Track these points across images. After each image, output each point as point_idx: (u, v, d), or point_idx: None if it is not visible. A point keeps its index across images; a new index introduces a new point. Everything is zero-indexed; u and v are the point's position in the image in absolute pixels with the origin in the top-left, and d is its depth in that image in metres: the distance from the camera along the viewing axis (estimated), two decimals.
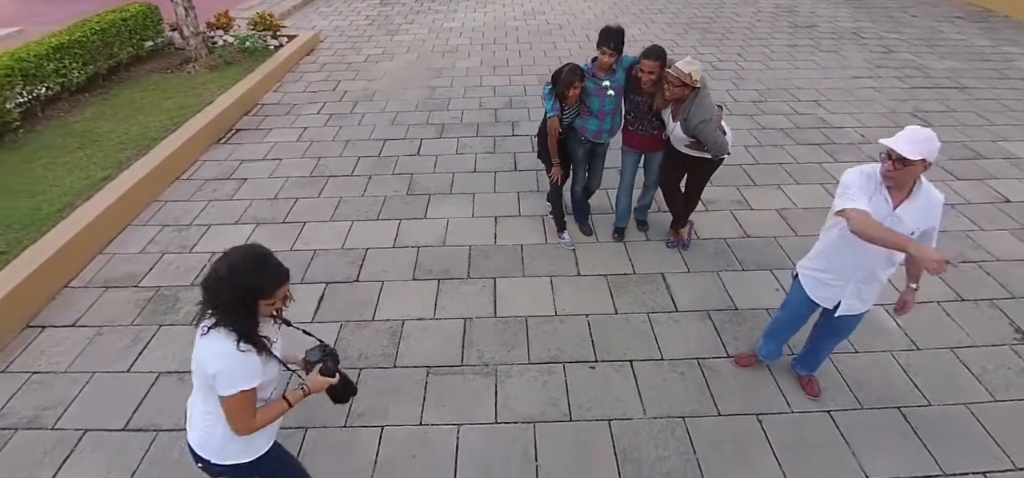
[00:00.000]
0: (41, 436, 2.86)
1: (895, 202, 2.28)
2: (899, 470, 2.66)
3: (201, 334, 1.65)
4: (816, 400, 3.00)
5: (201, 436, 1.78)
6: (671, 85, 3.31)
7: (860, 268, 2.45)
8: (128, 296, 3.78)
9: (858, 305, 2.58)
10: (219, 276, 1.56)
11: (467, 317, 3.56)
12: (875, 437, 2.81)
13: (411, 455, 2.73)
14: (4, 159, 5.09)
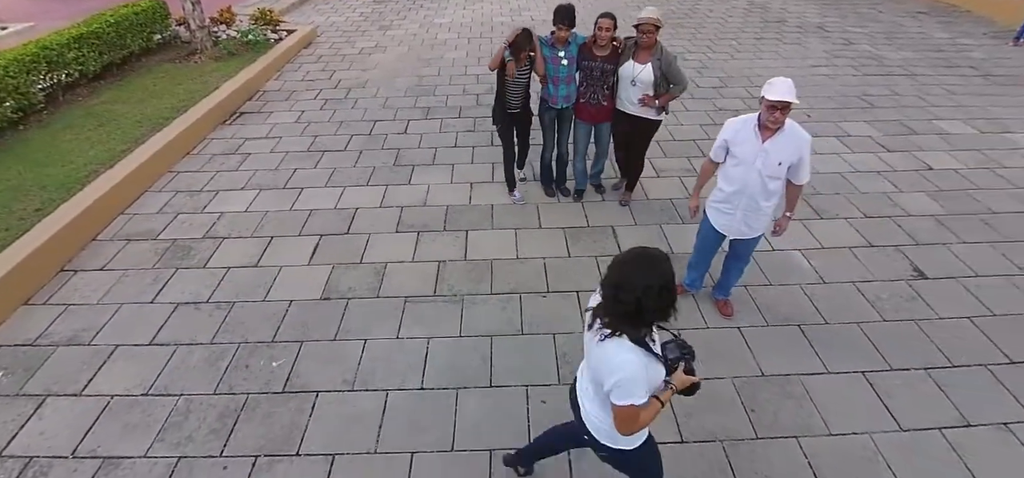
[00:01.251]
0: (79, 350, 3.43)
1: (763, 139, 2.87)
2: (791, 369, 3.24)
3: (598, 341, 1.70)
4: (729, 319, 3.58)
5: (593, 421, 1.94)
6: (648, 33, 3.92)
7: (743, 196, 3.04)
8: (148, 247, 4.35)
9: (747, 231, 3.17)
10: (620, 284, 1.61)
11: (441, 260, 4.14)
12: (775, 346, 3.39)
13: (388, 358, 3.30)
14: (33, 135, 5.67)
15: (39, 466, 2.75)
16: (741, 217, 3.13)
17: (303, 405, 3.03)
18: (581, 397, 1.99)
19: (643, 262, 1.60)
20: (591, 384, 1.87)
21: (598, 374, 1.72)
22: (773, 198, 3.07)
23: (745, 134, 2.96)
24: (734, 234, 3.22)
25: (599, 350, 1.68)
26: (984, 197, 4.95)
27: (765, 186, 2.99)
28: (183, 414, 3.00)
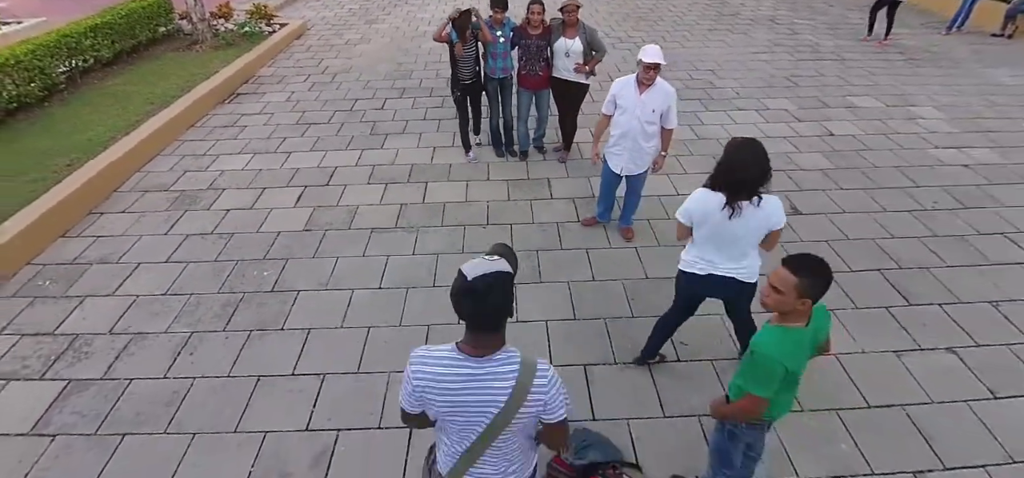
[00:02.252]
0: (109, 266, 4.30)
1: (641, 92, 3.76)
2: (666, 273, 4.11)
3: (755, 206, 2.51)
4: (630, 243, 4.47)
5: (752, 269, 2.73)
6: (570, 13, 4.82)
7: (628, 138, 3.92)
8: (161, 195, 5.23)
9: (635, 168, 4.06)
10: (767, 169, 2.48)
11: (403, 203, 5.02)
12: (661, 259, 4.27)
13: (355, 269, 4.19)
14: (57, 111, 6.54)
15: (84, 339, 3.62)
16: (628, 157, 4.01)
17: (287, 299, 3.91)
18: (736, 264, 2.73)
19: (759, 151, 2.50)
20: (749, 245, 2.66)
21: (767, 222, 2.57)
22: (652, 140, 3.95)
23: (627, 90, 3.85)
24: (625, 171, 4.10)
25: (762, 209, 2.54)
26: (871, 155, 5.85)
27: (644, 129, 3.87)
28: (194, 306, 3.87)
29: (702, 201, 2.63)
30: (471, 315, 1.52)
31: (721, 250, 2.71)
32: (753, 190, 2.52)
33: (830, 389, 3.20)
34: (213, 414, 3.10)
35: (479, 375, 1.57)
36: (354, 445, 2.92)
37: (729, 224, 2.58)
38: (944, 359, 3.43)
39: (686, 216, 2.72)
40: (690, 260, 2.85)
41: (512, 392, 1.56)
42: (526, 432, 1.73)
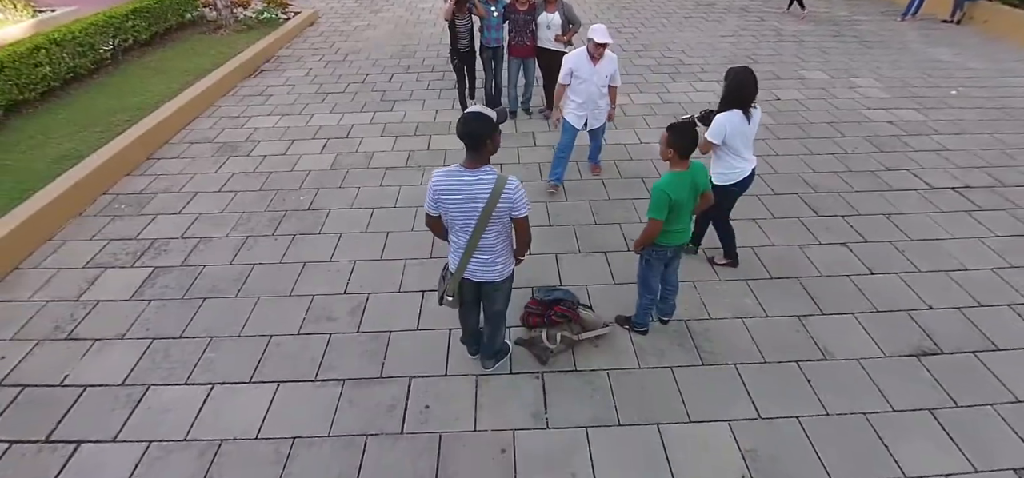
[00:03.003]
0: (171, 195, 5.25)
1: (595, 63, 4.72)
2: (628, 195, 5.10)
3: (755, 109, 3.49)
4: (597, 177, 5.44)
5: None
6: None
7: (589, 101, 4.88)
8: (207, 146, 6.19)
9: (595, 121, 5.01)
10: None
11: (411, 150, 5.99)
12: (620, 187, 5.24)
13: (374, 195, 5.15)
14: (107, 81, 7.50)
15: (161, 242, 4.58)
16: (590, 114, 4.96)
17: (320, 215, 4.88)
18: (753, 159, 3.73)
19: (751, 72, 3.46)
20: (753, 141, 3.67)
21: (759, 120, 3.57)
22: (605, 98, 4.91)
23: (582, 62, 4.75)
24: (590, 126, 5.04)
25: (758, 111, 3.51)
26: (809, 115, 6.84)
27: (601, 91, 4.84)
28: (246, 220, 4.84)
29: (728, 119, 3.51)
30: (461, 136, 2.50)
31: (747, 149, 3.66)
32: (753, 98, 3.50)
33: (744, 267, 4.18)
34: (272, 285, 4.06)
35: (471, 182, 2.55)
36: (380, 302, 3.89)
37: (747, 127, 3.55)
38: (838, 251, 4.41)
39: (719, 135, 3.55)
40: (729, 173, 3.70)
41: (491, 192, 2.54)
42: (504, 229, 2.71)
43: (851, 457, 2.83)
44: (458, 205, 2.59)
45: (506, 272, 2.87)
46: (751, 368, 3.34)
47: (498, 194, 2.55)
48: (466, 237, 2.67)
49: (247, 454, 2.88)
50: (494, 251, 2.74)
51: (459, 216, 2.63)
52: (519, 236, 2.76)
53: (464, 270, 2.78)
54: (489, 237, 2.68)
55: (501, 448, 2.89)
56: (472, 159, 2.55)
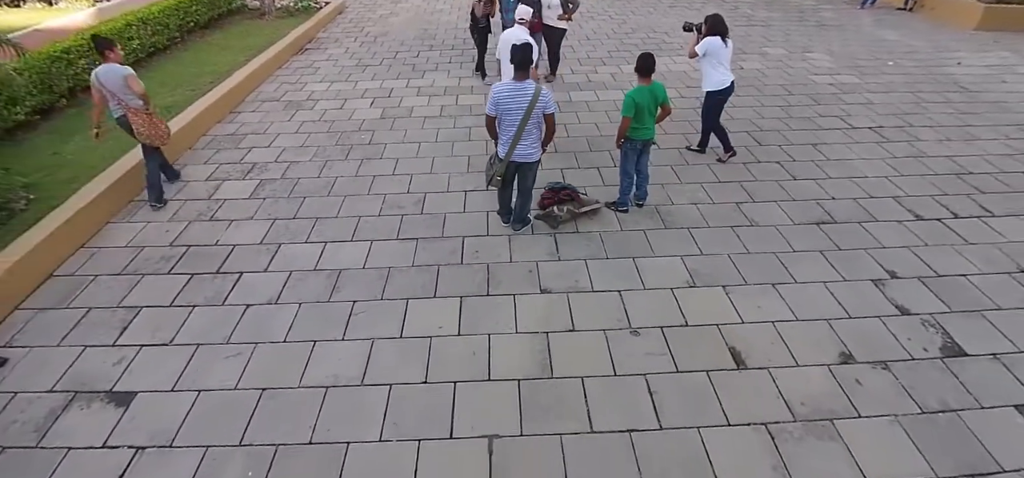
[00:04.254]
0: (258, 136, 6.68)
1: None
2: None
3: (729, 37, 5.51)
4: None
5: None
6: None
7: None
8: (275, 104, 7.62)
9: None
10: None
11: (442, 105, 7.44)
12: (610, 139, 6.70)
13: (417, 136, 6.60)
14: (180, 55, 8.94)
15: (260, 165, 6.00)
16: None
17: (379, 148, 6.32)
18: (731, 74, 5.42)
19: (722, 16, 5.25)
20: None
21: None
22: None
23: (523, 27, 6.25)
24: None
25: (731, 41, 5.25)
26: (765, 79, 8.32)
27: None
28: (323, 150, 6.27)
29: (710, 41, 5.34)
30: (515, 61, 3.95)
31: (726, 65, 5.39)
32: (727, 32, 5.22)
33: (698, 173, 5.64)
34: (353, 188, 5.51)
35: (520, 88, 4.01)
36: (435, 198, 5.33)
37: (725, 49, 5.31)
38: (771, 167, 5.88)
39: (704, 48, 5.31)
40: (716, 82, 5.44)
41: (532, 97, 4.00)
42: (538, 124, 4.16)
43: (761, 273, 4.29)
44: (510, 105, 4.05)
45: (538, 155, 4.34)
46: (698, 230, 4.81)
47: (536, 97, 4.02)
48: (513, 129, 4.13)
49: (359, 277, 4.32)
50: (531, 138, 4.20)
51: (510, 112, 4.08)
52: (548, 126, 4.22)
53: (512, 154, 4.23)
54: (529, 128, 4.13)
55: (528, 270, 4.34)
56: (520, 75, 4.02)
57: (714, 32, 5.28)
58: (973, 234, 4.80)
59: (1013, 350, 3.64)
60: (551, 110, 4.12)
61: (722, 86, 5.38)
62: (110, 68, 4.79)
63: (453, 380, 3.42)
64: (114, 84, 4.80)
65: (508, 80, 4.09)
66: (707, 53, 5.29)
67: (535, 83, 4.06)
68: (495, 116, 4.16)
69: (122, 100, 4.86)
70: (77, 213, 4.73)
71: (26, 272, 4.22)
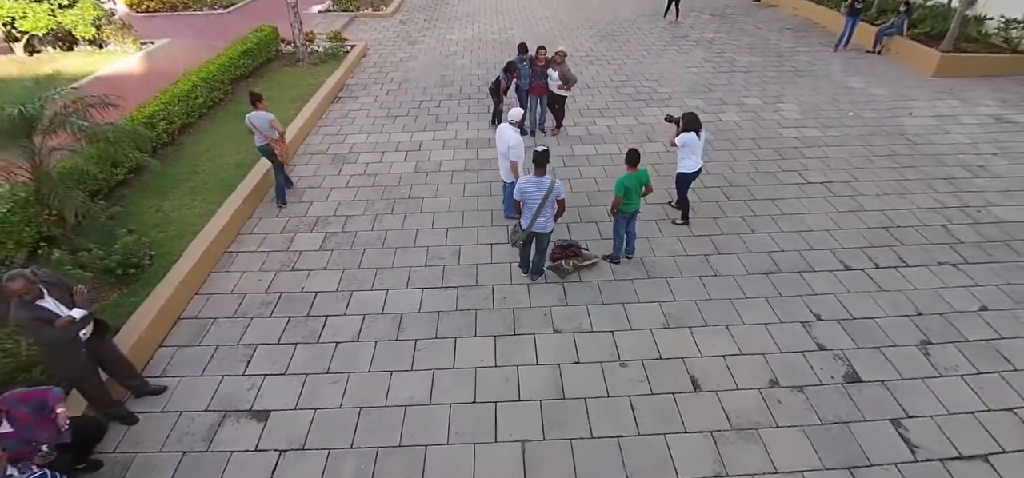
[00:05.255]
0: (315, 190, 8.07)
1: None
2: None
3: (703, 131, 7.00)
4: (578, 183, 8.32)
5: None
6: (559, 55, 8.66)
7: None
8: (323, 156, 9.00)
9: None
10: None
11: (466, 159, 8.83)
12: (607, 194, 8.11)
13: (448, 190, 8.01)
14: (233, 108, 10.29)
15: (322, 219, 7.40)
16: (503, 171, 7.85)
17: (419, 201, 7.69)
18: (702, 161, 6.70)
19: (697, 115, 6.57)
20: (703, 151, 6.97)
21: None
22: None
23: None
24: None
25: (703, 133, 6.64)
26: (740, 133, 9.73)
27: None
28: (372, 204, 7.66)
29: (687, 136, 6.51)
30: (535, 160, 5.38)
31: (697, 154, 6.62)
32: (701, 127, 6.49)
33: (675, 228, 7.05)
34: (401, 241, 6.89)
35: (540, 182, 5.43)
36: (467, 249, 6.72)
37: (698, 142, 6.54)
38: (734, 221, 7.28)
39: (682, 141, 6.55)
40: (689, 166, 6.65)
41: (548, 187, 5.42)
42: (552, 205, 5.58)
43: (719, 316, 5.71)
44: (533, 193, 5.46)
45: (551, 227, 5.74)
46: (674, 279, 6.22)
47: (552, 188, 5.43)
48: (534, 208, 5.53)
49: (417, 319, 5.72)
50: (547, 215, 5.61)
51: (533, 198, 5.49)
52: (560, 207, 5.63)
53: (532, 226, 5.63)
54: (545, 208, 5.54)
55: (544, 313, 5.75)
56: (539, 172, 5.42)
57: (690, 128, 6.56)
58: (888, 282, 6.21)
59: (897, 378, 5.06)
60: (562, 197, 5.53)
61: (692, 170, 6.70)
62: (259, 114, 7.10)
63: (494, 400, 4.83)
64: (261, 124, 7.07)
65: (531, 175, 5.48)
66: (684, 145, 6.59)
67: (551, 177, 5.47)
68: (520, 200, 5.57)
69: (267, 135, 7.08)
70: (192, 267, 6.12)
71: (163, 318, 5.61)
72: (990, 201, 7.72)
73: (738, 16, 17.64)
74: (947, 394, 4.88)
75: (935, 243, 6.87)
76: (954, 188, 8.02)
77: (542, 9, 18.83)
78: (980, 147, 9.23)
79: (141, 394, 4.87)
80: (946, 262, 6.53)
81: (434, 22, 17.26)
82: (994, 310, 5.83)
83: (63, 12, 12.27)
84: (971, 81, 11.97)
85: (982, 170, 8.53)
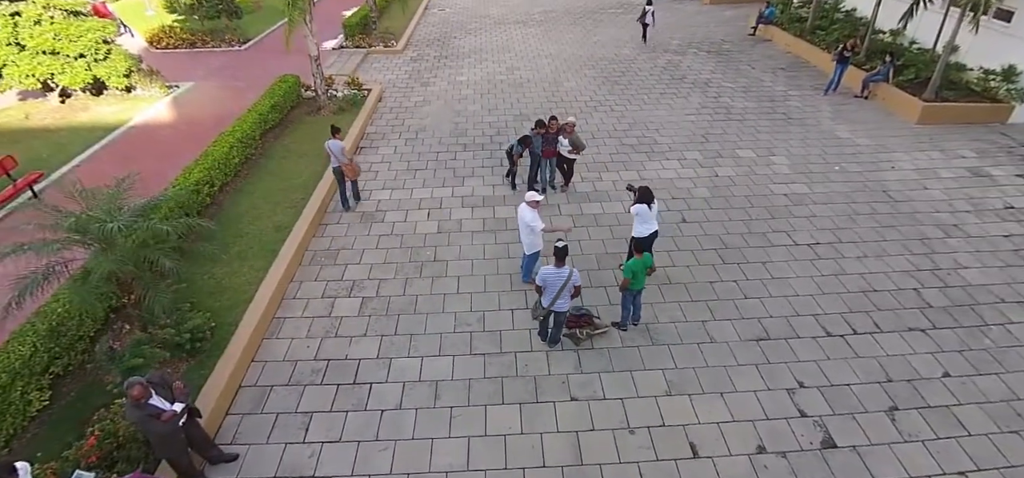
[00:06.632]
0: (348, 252, 8.87)
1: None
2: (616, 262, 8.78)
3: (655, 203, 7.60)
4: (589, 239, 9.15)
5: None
6: (569, 126, 9.49)
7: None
8: (352, 215, 9.80)
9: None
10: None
11: (484, 218, 9.63)
12: (614, 257, 8.93)
13: (470, 251, 8.81)
14: (264, 164, 11.07)
15: (358, 283, 8.19)
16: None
17: (443, 265, 8.51)
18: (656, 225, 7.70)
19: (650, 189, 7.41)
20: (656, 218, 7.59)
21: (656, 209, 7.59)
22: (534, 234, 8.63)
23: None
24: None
25: (656, 204, 7.69)
26: (734, 189, 10.55)
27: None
28: (402, 267, 8.47)
29: (639, 207, 7.38)
30: (556, 253, 6.20)
31: (651, 221, 7.46)
32: (653, 199, 7.31)
33: (676, 292, 7.87)
34: (431, 307, 7.69)
35: (559, 272, 6.26)
36: (491, 316, 7.53)
37: (650, 211, 7.37)
38: (729, 285, 8.10)
39: (635, 211, 7.40)
40: (643, 231, 7.47)
41: (567, 276, 6.25)
42: (569, 290, 6.40)
43: (714, 383, 6.53)
44: (554, 281, 6.28)
45: (568, 307, 6.56)
46: (675, 346, 7.05)
47: (570, 277, 6.25)
48: (554, 292, 6.34)
49: (451, 387, 6.53)
50: (565, 298, 6.43)
51: (553, 285, 6.31)
52: (576, 291, 6.45)
53: (552, 306, 6.45)
54: (564, 294, 6.36)
55: (562, 381, 6.57)
56: (559, 263, 6.24)
57: (643, 200, 7.40)
58: (863, 348, 7.05)
59: (867, 444, 5.89)
60: (578, 284, 6.35)
61: (642, 235, 7.55)
62: (336, 142, 9.38)
63: (522, 466, 5.65)
64: (337, 150, 9.31)
65: (551, 266, 6.30)
66: (637, 214, 7.48)
67: (569, 268, 6.29)
68: (542, 286, 6.38)
69: (340, 160, 9.28)
70: (249, 337, 6.91)
71: (229, 388, 6.40)
72: (960, 262, 8.57)
73: (734, 53, 18.49)
74: (909, 459, 5.72)
75: (907, 308, 7.71)
76: (928, 249, 8.87)
77: (547, 46, 19.65)
78: (955, 203, 10.08)
79: (217, 462, 5.67)
80: (916, 328, 7.37)
81: (444, 59, 18.07)
82: (955, 376, 6.68)
83: (98, 65, 13.02)
84: (951, 128, 12.85)
85: (955, 229, 9.38)
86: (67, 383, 6.42)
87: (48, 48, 12.45)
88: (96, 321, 6.88)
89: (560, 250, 6.25)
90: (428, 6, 26.18)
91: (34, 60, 12.44)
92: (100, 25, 13.35)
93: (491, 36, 21.06)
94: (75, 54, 12.68)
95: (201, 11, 19.16)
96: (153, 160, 11.41)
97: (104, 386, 6.14)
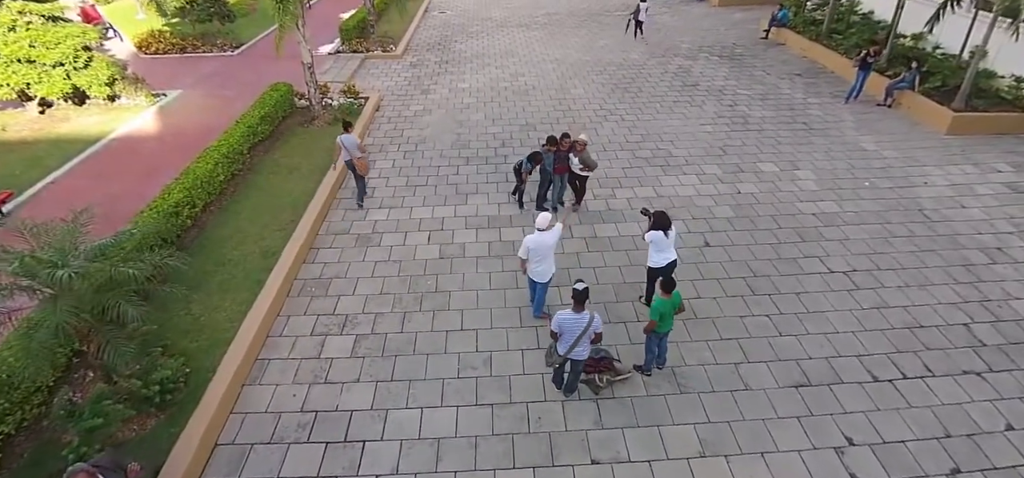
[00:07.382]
0: (341, 281, 8.10)
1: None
2: (636, 294, 8.02)
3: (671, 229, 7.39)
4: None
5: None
6: (580, 144, 8.72)
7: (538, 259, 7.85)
8: (346, 238, 9.02)
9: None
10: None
11: (489, 242, 8.86)
12: (633, 287, 8.16)
13: (474, 279, 8.05)
14: (252, 180, 10.31)
15: (351, 317, 7.43)
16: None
17: (446, 296, 7.75)
18: (674, 254, 6.94)
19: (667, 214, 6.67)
20: (673, 245, 6.94)
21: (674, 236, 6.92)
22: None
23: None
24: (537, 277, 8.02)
25: (673, 231, 6.88)
26: (759, 207, 9.79)
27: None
28: (400, 299, 7.70)
29: (654, 234, 6.67)
30: (575, 297, 5.44)
31: (668, 248, 6.76)
32: (670, 225, 6.57)
33: (704, 329, 7.10)
34: (432, 346, 6.92)
35: (578, 318, 5.49)
36: (499, 357, 6.77)
37: (667, 239, 6.63)
38: (762, 320, 7.34)
39: (650, 238, 6.72)
40: (660, 260, 6.80)
41: (586, 323, 5.48)
42: (589, 336, 5.63)
43: (752, 441, 5.77)
44: (572, 327, 5.51)
45: (586, 355, 5.79)
46: (706, 395, 6.29)
47: (590, 323, 5.48)
48: (573, 339, 5.58)
49: (454, 446, 5.77)
50: (583, 345, 5.66)
51: (570, 332, 5.54)
52: (597, 337, 5.69)
53: (569, 354, 5.68)
54: (583, 340, 5.60)
55: (581, 439, 5.81)
56: (578, 308, 5.47)
57: (658, 226, 6.72)
58: (915, 397, 6.29)
59: None
60: (599, 330, 5.59)
61: (659, 265, 6.88)
62: (349, 137, 9.20)
63: None
64: (351, 145, 9.18)
65: (569, 311, 5.54)
66: (652, 242, 6.79)
67: (589, 314, 5.52)
68: (559, 333, 5.62)
69: (354, 154, 9.17)
70: (228, 384, 6.15)
71: (203, 446, 5.63)
72: (1009, 293, 7.82)
73: (747, 58, 17.74)
74: None
75: (958, 347, 6.95)
76: (973, 277, 8.11)
77: (552, 50, 18.88)
78: (996, 224, 9.33)
79: None
80: (970, 371, 6.61)
81: (444, 65, 17.30)
82: (1019, 429, 5.92)
83: (78, 73, 12.25)
84: (982, 139, 12.10)
85: (999, 253, 8.62)
86: (20, 442, 5.66)
87: (23, 56, 11.68)
88: (57, 368, 6.12)
89: (579, 293, 5.49)
90: (428, 9, 25.39)
91: (8, 69, 11.67)
92: (80, 31, 12.59)
93: (493, 40, 20.29)
94: (53, 62, 11.91)
95: (192, 14, 18.37)
96: (133, 177, 10.65)
97: (60, 448, 5.37)
